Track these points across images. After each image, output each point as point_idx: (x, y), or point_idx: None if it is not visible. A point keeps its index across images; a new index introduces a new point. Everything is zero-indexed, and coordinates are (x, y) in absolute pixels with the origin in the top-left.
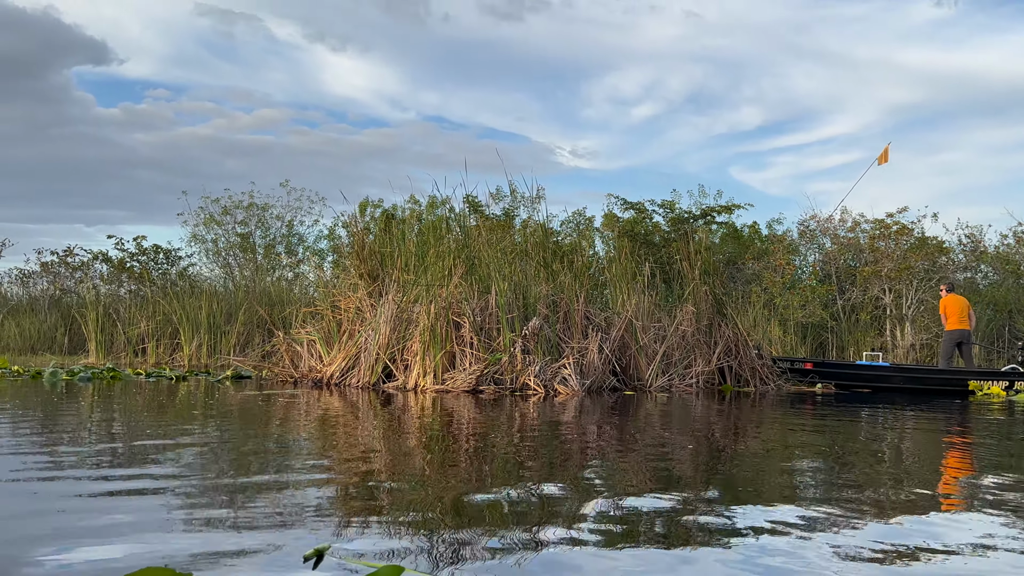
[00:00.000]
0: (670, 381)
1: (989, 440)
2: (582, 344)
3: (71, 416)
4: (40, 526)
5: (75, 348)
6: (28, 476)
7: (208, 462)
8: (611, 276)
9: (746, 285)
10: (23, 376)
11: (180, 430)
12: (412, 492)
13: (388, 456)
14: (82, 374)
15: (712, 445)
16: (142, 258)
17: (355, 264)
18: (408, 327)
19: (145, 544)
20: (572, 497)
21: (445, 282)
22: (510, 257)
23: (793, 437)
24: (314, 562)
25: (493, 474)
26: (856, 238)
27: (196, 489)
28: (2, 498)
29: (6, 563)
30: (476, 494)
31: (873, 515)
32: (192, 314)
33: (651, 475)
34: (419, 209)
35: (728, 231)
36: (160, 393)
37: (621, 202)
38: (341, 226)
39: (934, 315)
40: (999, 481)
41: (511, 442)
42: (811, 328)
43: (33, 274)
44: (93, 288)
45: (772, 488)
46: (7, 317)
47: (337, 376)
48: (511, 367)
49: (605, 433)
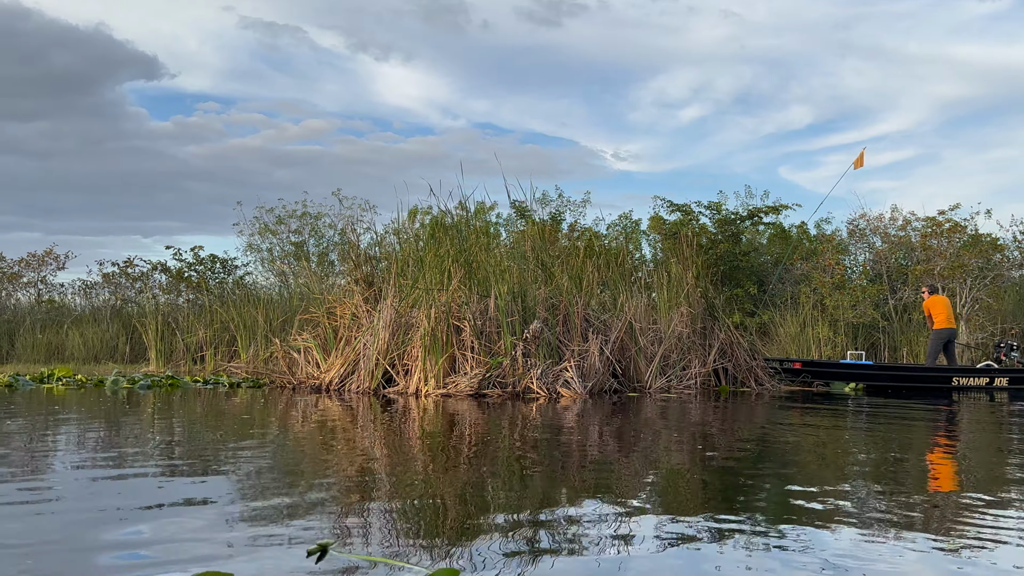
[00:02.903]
0: (668, 383)
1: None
2: (582, 346)
3: (132, 424)
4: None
5: (136, 357)
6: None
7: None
8: (657, 279)
9: (795, 286)
10: (87, 385)
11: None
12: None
13: (431, 457)
14: (142, 382)
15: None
16: (199, 268)
17: (350, 269)
18: (407, 332)
19: (176, 543)
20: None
21: (445, 286)
22: (558, 261)
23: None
24: (317, 557)
25: (561, 487)
26: (907, 236)
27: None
28: (69, 501)
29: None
30: (541, 509)
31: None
32: (248, 321)
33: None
34: (467, 215)
35: (776, 231)
36: (206, 400)
37: (667, 204)
38: (392, 233)
39: (989, 314)
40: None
41: (560, 451)
42: (862, 328)
43: (95, 285)
44: (153, 298)
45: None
46: (71, 327)
47: (336, 382)
48: (513, 371)
49: (642, 439)
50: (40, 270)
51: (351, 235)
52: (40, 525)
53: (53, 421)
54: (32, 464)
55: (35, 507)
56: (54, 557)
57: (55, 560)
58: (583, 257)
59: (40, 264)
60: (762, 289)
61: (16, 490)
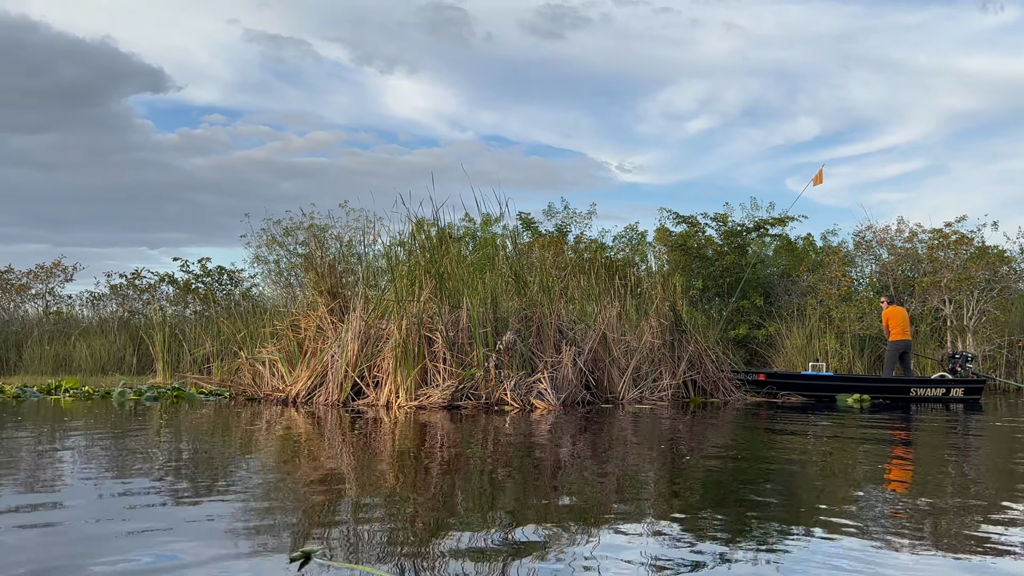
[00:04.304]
0: (640, 394)
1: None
2: (555, 358)
3: (137, 435)
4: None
5: (143, 368)
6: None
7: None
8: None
9: (801, 297)
10: (93, 396)
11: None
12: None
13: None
14: (148, 394)
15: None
16: (207, 279)
17: (314, 281)
18: (377, 343)
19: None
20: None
21: (416, 296)
22: (563, 274)
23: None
24: (300, 563)
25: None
26: (914, 248)
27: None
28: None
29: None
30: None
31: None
32: (255, 333)
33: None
34: (473, 227)
35: (782, 243)
36: (207, 412)
37: (673, 216)
38: (397, 244)
39: (996, 326)
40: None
41: (537, 464)
42: (869, 340)
43: (103, 296)
44: (160, 309)
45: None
46: (78, 339)
47: (304, 394)
48: (486, 382)
49: (616, 452)
50: (48, 282)
51: (313, 246)
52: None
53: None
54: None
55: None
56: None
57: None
58: (573, 270)
59: (48, 276)
60: (768, 301)
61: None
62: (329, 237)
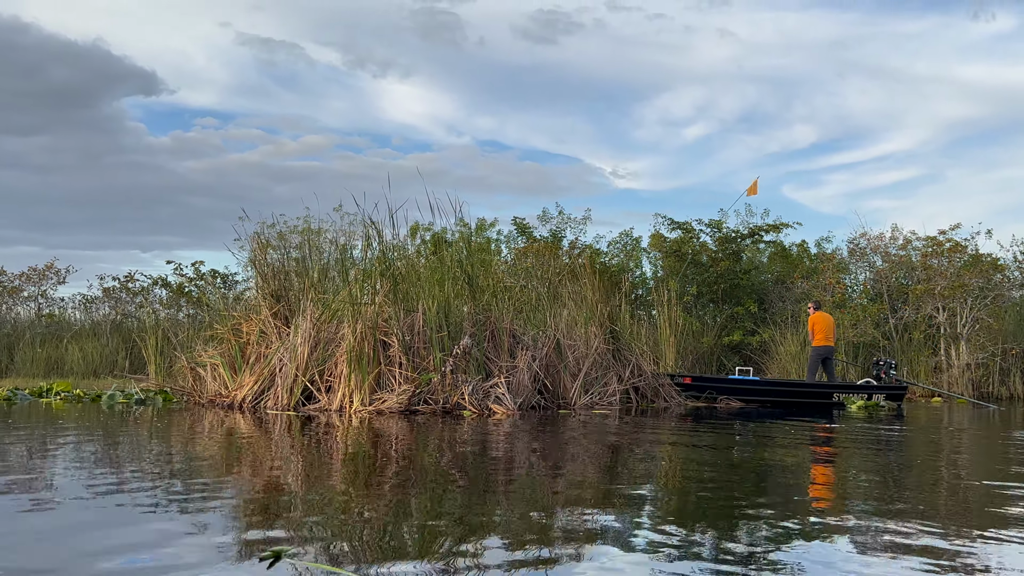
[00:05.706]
0: (591, 399)
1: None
2: (511, 363)
3: (124, 440)
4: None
5: (135, 371)
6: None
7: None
8: (656, 297)
9: (796, 304)
10: (84, 399)
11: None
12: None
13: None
14: (137, 397)
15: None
16: (200, 283)
17: (258, 284)
18: (328, 347)
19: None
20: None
21: (371, 299)
22: (555, 279)
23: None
24: (270, 562)
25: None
26: (908, 256)
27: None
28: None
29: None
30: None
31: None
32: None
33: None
34: (468, 232)
35: (776, 250)
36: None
37: (668, 222)
38: (391, 249)
39: (990, 334)
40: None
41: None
42: (863, 347)
43: (95, 299)
44: (153, 312)
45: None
46: (71, 341)
47: (250, 399)
48: (443, 387)
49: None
50: (41, 284)
51: (257, 249)
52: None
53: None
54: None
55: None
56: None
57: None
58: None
59: (41, 278)
60: (763, 307)
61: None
62: (323, 241)
